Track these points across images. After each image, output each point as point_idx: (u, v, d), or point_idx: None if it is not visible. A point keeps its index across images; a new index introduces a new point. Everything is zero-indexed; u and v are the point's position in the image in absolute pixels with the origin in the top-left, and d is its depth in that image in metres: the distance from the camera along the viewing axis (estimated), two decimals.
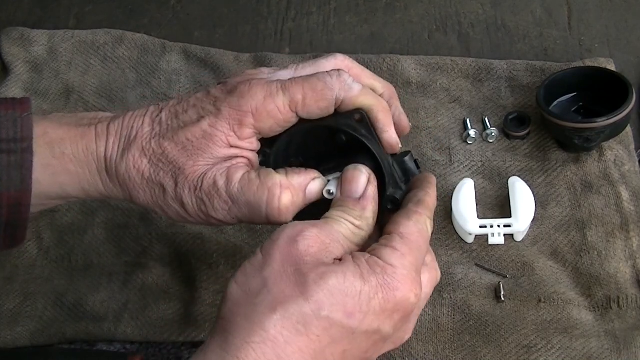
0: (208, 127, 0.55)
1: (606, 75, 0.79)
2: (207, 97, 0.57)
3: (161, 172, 0.56)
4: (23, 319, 0.73)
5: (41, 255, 0.78)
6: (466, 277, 0.73)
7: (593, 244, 0.74)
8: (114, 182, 0.57)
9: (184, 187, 0.55)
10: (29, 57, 0.90)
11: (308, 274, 0.47)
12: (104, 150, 0.57)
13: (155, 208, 0.57)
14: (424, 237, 0.52)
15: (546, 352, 0.68)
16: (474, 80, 0.86)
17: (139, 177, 0.56)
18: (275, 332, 0.45)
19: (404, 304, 0.49)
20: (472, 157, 0.81)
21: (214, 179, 0.55)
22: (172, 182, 0.55)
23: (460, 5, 0.93)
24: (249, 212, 0.55)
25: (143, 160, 0.56)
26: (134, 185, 0.56)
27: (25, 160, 0.55)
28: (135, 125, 0.57)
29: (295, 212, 0.56)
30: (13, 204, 0.56)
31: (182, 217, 0.57)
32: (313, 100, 0.55)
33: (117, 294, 0.74)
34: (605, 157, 0.79)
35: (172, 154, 0.55)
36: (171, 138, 0.55)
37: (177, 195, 0.55)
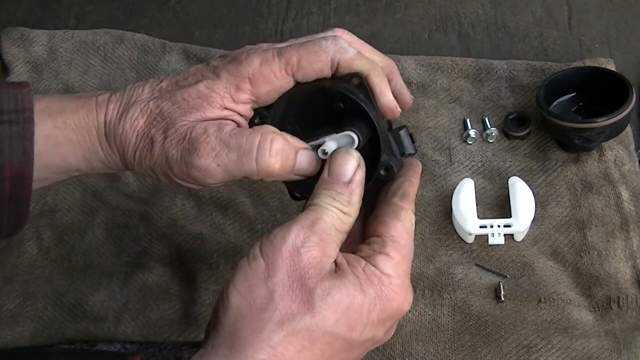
0: (205, 88, 0.56)
1: (606, 75, 0.79)
2: (207, 67, 0.58)
3: (154, 127, 0.56)
4: (23, 319, 0.73)
5: (41, 255, 0.78)
6: (466, 277, 0.73)
7: (593, 244, 0.74)
8: (112, 145, 0.58)
9: (172, 140, 0.55)
10: (29, 57, 0.90)
11: (314, 289, 0.48)
12: (103, 116, 0.58)
13: (144, 168, 0.57)
14: (410, 236, 0.53)
15: (546, 352, 0.68)
16: (474, 80, 0.86)
17: (134, 137, 0.57)
18: (282, 349, 0.47)
19: (398, 312, 0.51)
20: (472, 157, 0.81)
21: (205, 127, 0.55)
22: (161, 136, 0.56)
23: (460, 5, 0.93)
24: (238, 157, 0.54)
25: (139, 120, 0.57)
26: (128, 146, 0.57)
27: (26, 130, 0.56)
28: (135, 92, 0.58)
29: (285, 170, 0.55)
30: (16, 175, 0.56)
31: (166, 174, 0.57)
32: (308, 62, 0.56)
33: (117, 294, 0.74)
34: (605, 157, 0.79)
35: (167, 110, 0.56)
36: (168, 98, 0.56)
37: (164, 148, 0.55)
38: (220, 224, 0.78)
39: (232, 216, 0.78)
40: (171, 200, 0.79)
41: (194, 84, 0.57)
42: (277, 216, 0.78)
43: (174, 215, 0.78)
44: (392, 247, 0.52)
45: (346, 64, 0.56)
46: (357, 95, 0.56)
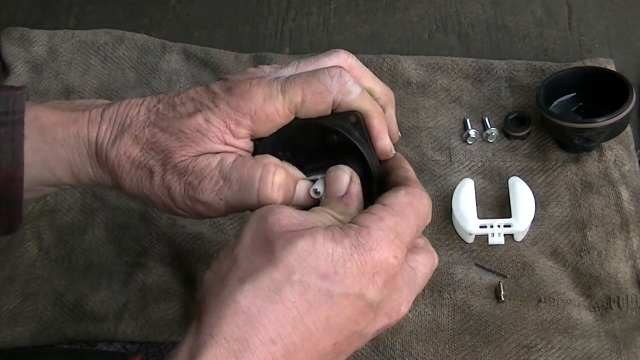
0: (203, 121, 0.54)
1: (606, 75, 0.79)
2: (206, 92, 0.56)
3: (151, 158, 0.55)
4: (23, 319, 0.73)
5: (41, 255, 0.78)
6: (466, 277, 0.73)
7: (593, 244, 0.74)
8: (103, 168, 0.56)
9: (173, 172, 0.54)
10: (29, 57, 0.90)
11: (275, 241, 0.46)
12: (95, 136, 0.56)
13: (140, 196, 0.56)
14: (415, 208, 0.50)
15: (546, 352, 0.68)
16: (474, 80, 0.86)
17: (128, 164, 0.55)
18: (246, 302, 0.44)
19: (383, 264, 0.47)
20: (472, 157, 0.81)
21: (208, 161, 0.54)
22: (160, 168, 0.54)
23: (460, 5, 0.93)
24: (240, 190, 0.53)
25: (134, 148, 0.55)
26: (122, 172, 0.55)
27: (16, 133, 0.54)
28: (130, 113, 0.56)
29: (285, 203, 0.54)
30: (6, 178, 0.55)
31: (167, 206, 0.56)
32: (312, 103, 0.55)
33: (117, 294, 0.74)
34: (605, 157, 0.79)
35: (164, 141, 0.54)
36: (165, 128, 0.54)
37: (165, 181, 0.54)
38: (220, 224, 0.78)
39: (232, 216, 0.78)
40: None
41: (192, 113, 0.54)
42: None
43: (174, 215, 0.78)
44: (379, 208, 0.49)
45: (347, 104, 0.55)
46: (352, 134, 0.55)
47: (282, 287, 0.44)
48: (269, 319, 0.44)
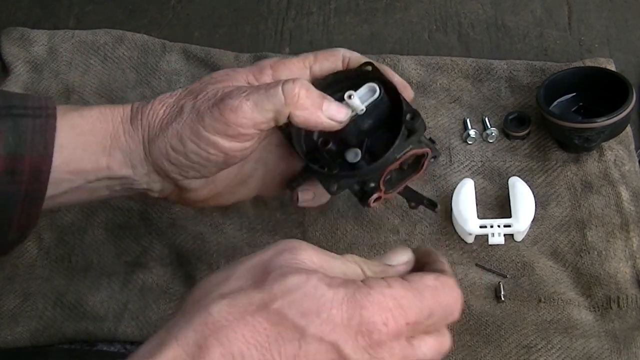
0: (231, 70, 0.62)
1: (606, 75, 0.79)
2: None
3: (184, 99, 0.60)
4: (23, 319, 0.73)
5: (41, 255, 0.78)
6: (466, 277, 0.73)
7: (593, 244, 0.74)
8: (136, 127, 0.60)
9: (203, 99, 0.58)
10: (29, 57, 0.90)
11: (271, 272, 0.45)
12: (130, 106, 0.61)
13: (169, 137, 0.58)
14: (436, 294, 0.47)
15: (546, 352, 0.68)
16: (474, 80, 0.86)
17: (162, 110, 0.60)
18: (218, 317, 0.43)
19: (369, 326, 0.43)
20: (472, 157, 0.81)
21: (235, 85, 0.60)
22: (191, 101, 0.59)
23: (460, 5, 0.93)
24: (266, 91, 0.57)
25: (169, 99, 0.61)
26: (155, 120, 0.59)
27: (49, 125, 0.57)
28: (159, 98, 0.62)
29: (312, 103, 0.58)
30: (34, 170, 0.57)
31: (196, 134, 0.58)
32: (323, 56, 0.65)
33: (117, 294, 0.74)
34: (605, 157, 0.79)
35: (196, 87, 0.61)
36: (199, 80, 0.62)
37: (195, 107, 0.58)
38: (220, 224, 0.78)
39: (232, 216, 0.78)
40: None
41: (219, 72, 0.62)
42: (277, 216, 0.78)
43: (174, 215, 0.78)
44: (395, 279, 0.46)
45: (356, 61, 0.65)
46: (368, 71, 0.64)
47: (259, 312, 0.43)
48: (235, 336, 0.42)
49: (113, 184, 0.61)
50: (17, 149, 0.56)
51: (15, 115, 0.56)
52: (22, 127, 0.56)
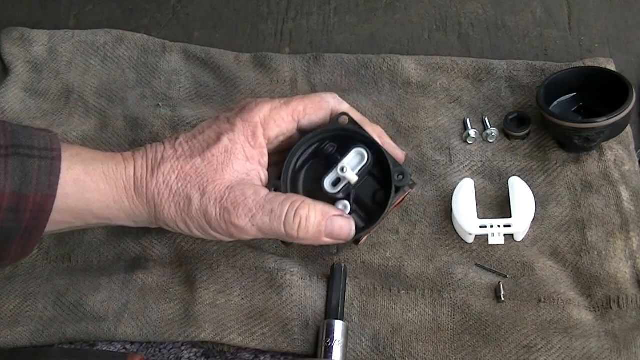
0: (228, 142, 0.64)
1: (606, 75, 0.79)
2: (220, 120, 0.67)
3: (189, 185, 0.63)
4: (23, 319, 0.73)
5: (41, 255, 0.78)
6: (466, 277, 0.73)
7: (593, 244, 0.74)
8: (141, 199, 0.63)
9: (210, 197, 0.62)
10: (29, 57, 0.90)
11: None
12: (132, 171, 0.64)
13: (178, 222, 0.64)
14: None
15: (546, 352, 0.68)
16: (474, 80, 0.86)
17: (167, 191, 0.63)
18: None
19: None
20: (472, 157, 0.81)
21: (242, 191, 0.63)
22: (198, 194, 0.62)
23: (460, 5, 0.93)
24: (270, 221, 0.62)
25: (172, 176, 0.63)
26: (161, 200, 0.63)
27: (54, 167, 0.60)
28: (158, 149, 0.65)
29: (310, 235, 0.63)
30: (37, 209, 0.60)
31: (203, 228, 0.64)
32: (312, 110, 0.67)
33: (117, 294, 0.74)
34: (605, 157, 0.79)
35: (201, 168, 0.63)
36: (198, 155, 0.64)
37: (202, 205, 0.62)
38: None
39: None
40: None
41: (216, 139, 0.65)
42: None
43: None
44: None
45: None
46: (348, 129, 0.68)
47: None
48: None
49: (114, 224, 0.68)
50: (22, 187, 0.58)
51: (22, 155, 0.59)
52: (28, 167, 0.59)
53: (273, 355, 0.71)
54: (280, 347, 0.70)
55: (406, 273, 0.74)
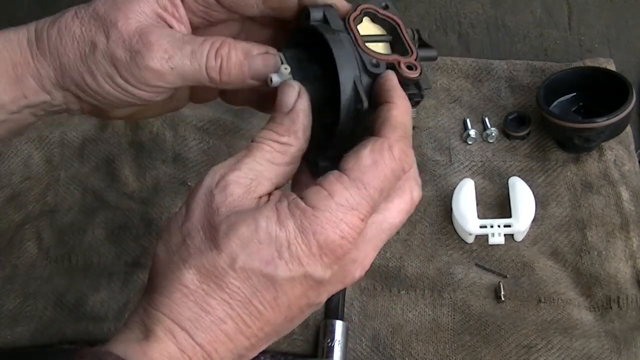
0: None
1: (606, 75, 0.79)
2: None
3: (93, 28, 0.54)
4: (23, 319, 0.73)
5: (41, 255, 0.78)
6: (466, 277, 0.73)
7: (593, 244, 0.74)
8: (43, 51, 0.56)
9: (117, 40, 0.53)
10: None
11: (219, 226, 0.45)
12: (34, 26, 0.56)
13: (84, 74, 0.55)
14: (379, 170, 0.46)
15: (546, 352, 0.68)
16: (474, 80, 0.86)
17: (70, 39, 0.55)
18: (194, 287, 0.45)
19: (330, 246, 0.45)
20: (472, 157, 0.81)
21: (157, 30, 0.53)
22: (103, 38, 0.54)
23: (460, 5, 0.93)
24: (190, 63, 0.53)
25: (75, 21, 0.55)
26: (64, 49, 0.55)
27: None
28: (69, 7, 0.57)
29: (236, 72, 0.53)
30: None
31: (112, 79, 0.54)
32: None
33: (117, 294, 0.74)
34: (605, 157, 0.79)
35: (102, 9, 0.54)
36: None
37: (109, 49, 0.54)
38: None
39: None
40: (171, 200, 0.79)
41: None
42: None
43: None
44: (332, 180, 0.46)
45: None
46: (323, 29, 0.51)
47: (226, 274, 0.45)
48: (216, 301, 0.45)
49: (35, 111, 0.58)
50: None
51: None
52: None
53: (273, 355, 0.71)
54: (280, 347, 0.70)
55: (406, 273, 0.74)
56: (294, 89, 0.50)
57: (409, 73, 0.50)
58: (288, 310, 0.46)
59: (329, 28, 0.51)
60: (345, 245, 0.46)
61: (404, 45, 0.53)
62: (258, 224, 0.45)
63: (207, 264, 0.45)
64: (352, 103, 0.49)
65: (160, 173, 0.81)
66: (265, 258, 0.45)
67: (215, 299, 0.45)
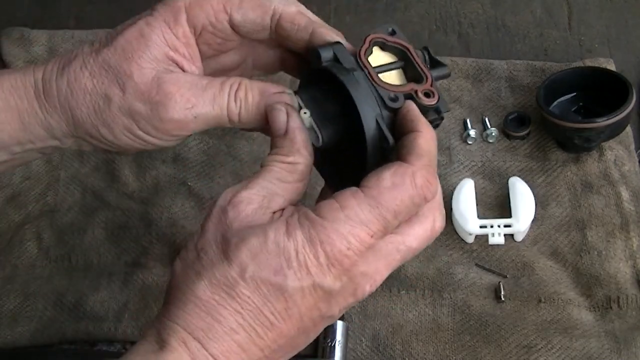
0: (145, 25, 0.54)
1: (606, 75, 0.79)
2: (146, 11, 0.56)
3: (105, 80, 0.53)
4: (23, 319, 0.73)
5: (41, 255, 0.78)
6: (466, 277, 0.73)
7: (593, 244, 0.74)
8: (52, 103, 0.54)
9: (134, 93, 0.52)
10: (29, 57, 0.90)
11: (231, 239, 0.46)
12: (41, 74, 0.54)
13: (99, 127, 0.54)
14: (397, 194, 0.47)
15: (546, 352, 0.68)
16: (474, 80, 0.86)
17: (81, 92, 0.53)
18: (206, 298, 0.46)
19: (337, 256, 0.46)
20: (472, 157, 0.81)
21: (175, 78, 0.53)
22: (118, 91, 0.53)
23: (460, 5, 0.93)
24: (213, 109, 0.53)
25: (84, 72, 0.53)
26: (77, 102, 0.53)
27: None
28: (76, 49, 0.55)
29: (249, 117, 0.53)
30: None
31: (131, 131, 0.54)
32: (249, 4, 0.55)
33: (117, 294, 0.74)
34: (605, 157, 0.79)
35: (113, 59, 0.53)
36: (110, 44, 0.53)
37: (126, 103, 0.53)
38: None
39: None
40: (171, 200, 0.79)
41: (132, 24, 0.54)
42: None
43: (174, 215, 0.78)
44: (347, 194, 0.46)
45: (288, 18, 0.56)
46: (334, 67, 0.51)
47: (237, 284, 0.45)
48: (228, 311, 0.45)
49: (43, 150, 0.58)
50: None
51: None
52: None
53: None
54: None
55: (406, 273, 0.74)
56: (282, 111, 0.51)
57: (427, 101, 0.51)
58: (300, 322, 0.47)
59: (341, 67, 0.51)
60: (352, 256, 0.46)
61: (417, 70, 0.53)
62: (267, 235, 0.46)
63: (218, 275, 0.46)
64: (377, 141, 0.49)
65: (160, 173, 0.81)
66: (274, 268, 0.45)
67: (226, 309, 0.45)
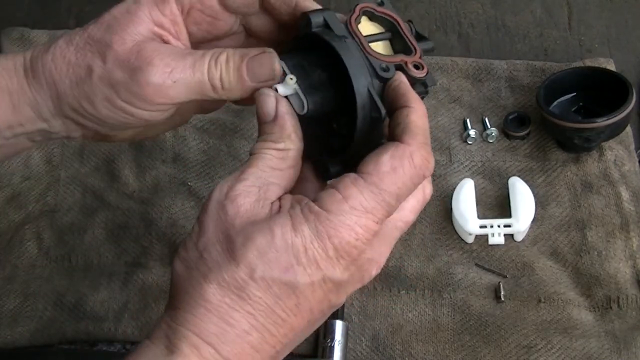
0: (132, 2, 0.53)
1: (606, 75, 0.79)
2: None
3: (88, 53, 0.53)
4: (23, 319, 0.73)
5: (41, 255, 0.78)
6: (466, 277, 0.73)
7: (593, 244, 0.74)
8: (38, 79, 0.54)
9: (114, 61, 0.52)
10: None
11: (235, 238, 0.46)
12: (30, 53, 0.55)
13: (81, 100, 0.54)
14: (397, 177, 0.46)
15: (546, 352, 0.68)
16: (474, 80, 0.86)
17: (65, 65, 0.53)
18: (217, 301, 0.45)
19: (345, 248, 0.46)
20: (472, 157, 0.81)
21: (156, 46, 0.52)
22: (99, 61, 0.52)
23: (460, 5, 0.93)
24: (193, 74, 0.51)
25: (70, 47, 0.53)
26: (60, 76, 0.53)
27: None
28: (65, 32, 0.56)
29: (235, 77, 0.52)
30: None
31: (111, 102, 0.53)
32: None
33: (117, 294, 0.74)
34: (605, 157, 0.79)
35: (97, 33, 0.53)
36: (96, 21, 0.53)
37: (106, 72, 0.52)
38: None
39: None
40: (171, 200, 0.79)
41: (121, 4, 0.54)
42: None
43: (174, 215, 0.78)
44: (347, 182, 0.46)
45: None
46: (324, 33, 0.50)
47: (247, 285, 0.45)
48: (240, 313, 0.45)
49: (32, 136, 0.57)
50: None
51: None
52: None
53: None
54: None
55: (406, 273, 0.74)
56: (270, 96, 0.50)
57: (417, 73, 0.50)
58: (310, 315, 0.47)
59: (333, 34, 0.50)
60: (360, 246, 0.46)
61: (405, 42, 0.52)
62: (273, 233, 0.45)
63: (227, 277, 0.45)
64: (368, 112, 0.48)
65: (160, 173, 0.81)
66: (283, 266, 0.45)
67: (238, 312, 0.45)
